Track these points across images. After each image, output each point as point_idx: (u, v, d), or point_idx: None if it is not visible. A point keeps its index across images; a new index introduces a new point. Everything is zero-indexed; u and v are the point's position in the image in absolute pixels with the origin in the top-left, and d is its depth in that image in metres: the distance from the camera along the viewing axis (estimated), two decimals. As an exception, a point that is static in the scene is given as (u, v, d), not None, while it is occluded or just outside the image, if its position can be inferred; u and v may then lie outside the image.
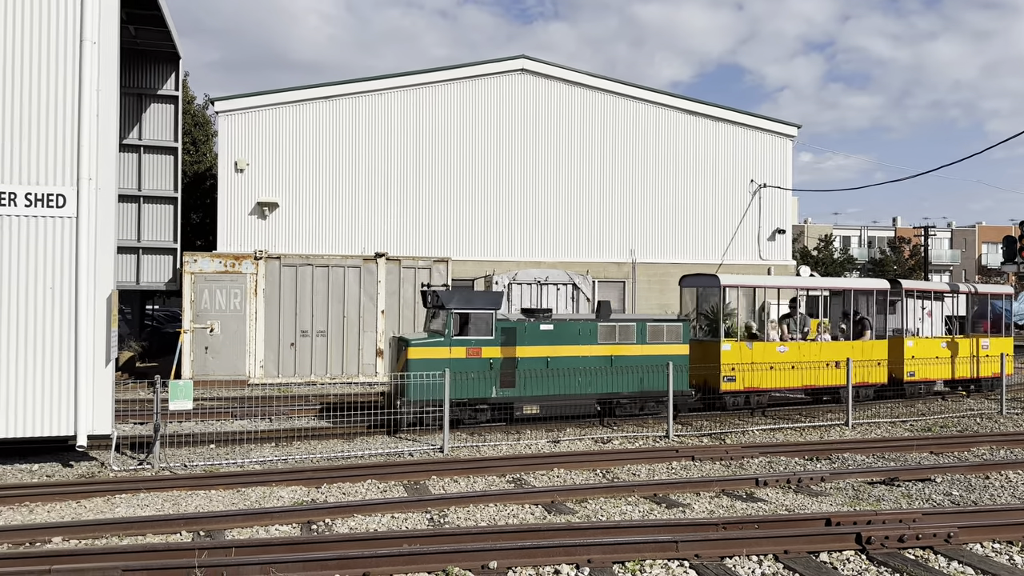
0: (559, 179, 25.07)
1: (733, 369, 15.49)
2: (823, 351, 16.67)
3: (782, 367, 16.06)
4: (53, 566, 6.14)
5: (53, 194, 10.65)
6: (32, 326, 10.54)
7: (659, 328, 15.05)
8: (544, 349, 14.20)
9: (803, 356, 16.45)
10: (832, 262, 52.71)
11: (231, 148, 22.94)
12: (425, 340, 13.63)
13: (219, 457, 11.49)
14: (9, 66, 10.56)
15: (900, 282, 18.54)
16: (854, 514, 7.99)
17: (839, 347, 16.90)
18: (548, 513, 8.54)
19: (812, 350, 16.57)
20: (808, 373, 16.34)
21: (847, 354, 16.25)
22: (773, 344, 16.23)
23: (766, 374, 15.86)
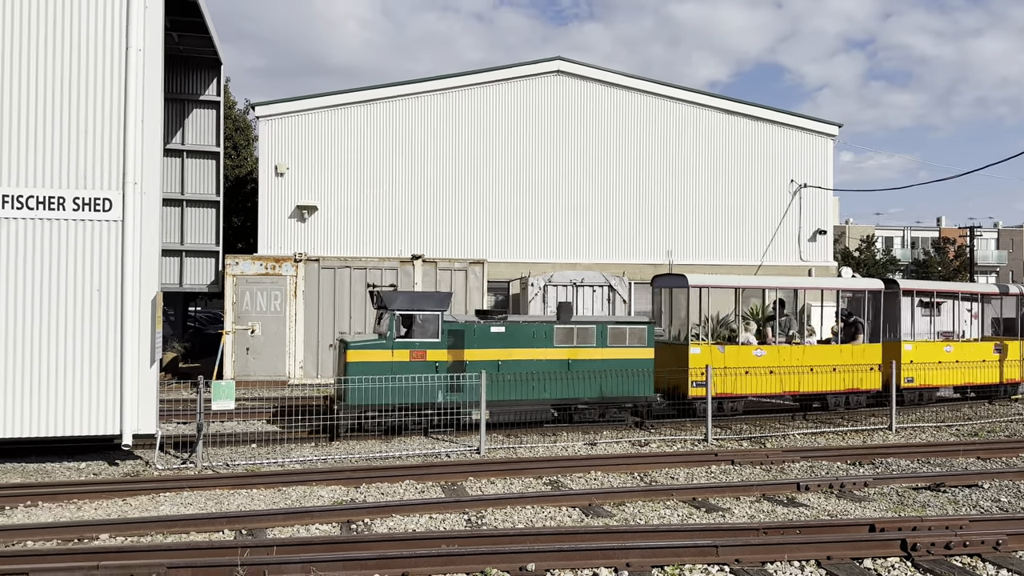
0: (595, 180, 25.00)
1: (703, 373, 14.59)
2: (806, 355, 15.80)
3: (759, 372, 15.29)
4: (101, 562, 6.28)
5: (100, 198, 10.90)
6: (79, 327, 10.80)
7: (621, 331, 14.40)
8: (495, 352, 13.66)
9: (783, 361, 15.57)
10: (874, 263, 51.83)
11: (271, 152, 23.26)
12: (365, 342, 13.20)
13: (260, 456, 11.66)
14: (58, 74, 10.83)
15: (897, 282, 17.80)
16: (899, 520, 7.83)
17: (824, 351, 16.14)
18: (586, 516, 8.51)
19: (794, 354, 15.71)
20: (789, 378, 15.52)
21: (834, 359, 15.62)
22: (749, 348, 15.51)
23: (741, 379, 15.12)
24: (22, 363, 10.62)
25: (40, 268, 10.73)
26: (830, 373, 15.88)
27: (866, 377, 16.41)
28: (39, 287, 10.72)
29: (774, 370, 15.46)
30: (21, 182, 10.71)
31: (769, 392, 15.60)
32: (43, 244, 10.74)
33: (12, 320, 10.61)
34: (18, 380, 10.61)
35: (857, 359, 16.35)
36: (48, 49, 10.81)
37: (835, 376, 16.05)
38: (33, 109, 10.76)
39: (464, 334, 13.59)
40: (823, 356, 16.01)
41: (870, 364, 16.47)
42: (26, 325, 10.64)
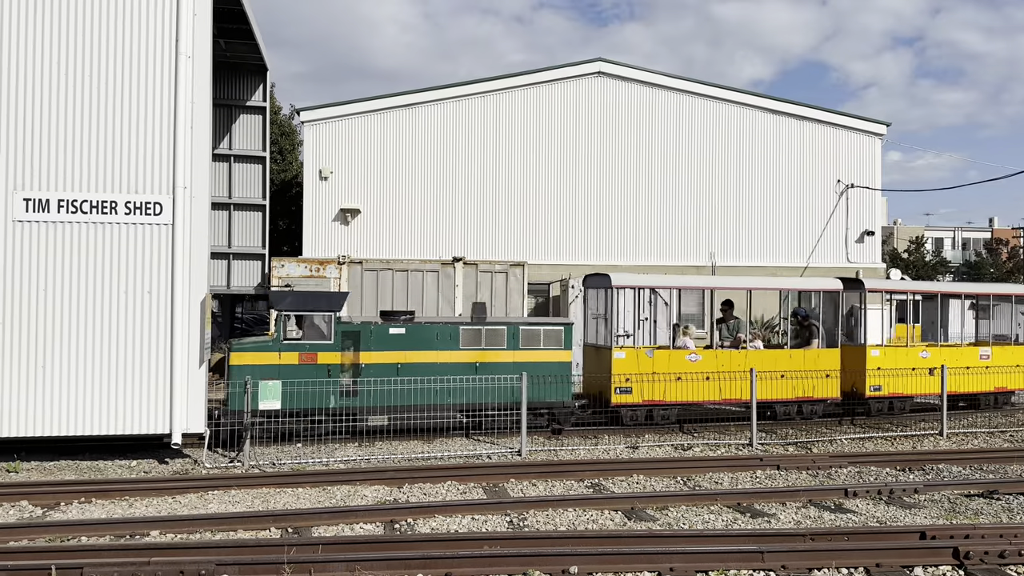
0: (637, 181, 24.85)
1: (628, 380, 13.90)
2: (749, 361, 14.57)
3: (694, 378, 14.29)
4: (152, 558, 6.43)
5: (151, 202, 11.17)
6: (131, 329, 11.07)
7: (535, 332, 13.65)
8: (394, 355, 12.98)
9: (722, 366, 14.38)
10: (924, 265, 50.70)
11: (315, 156, 23.57)
12: (250, 344, 12.73)
13: (305, 456, 11.82)
14: (110, 81, 11.13)
15: (862, 281, 16.46)
16: (951, 527, 7.65)
17: (772, 356, 15.00)
18: (628, 519, 8.47)
19: (735, 360, 14.61)
20: (730, 385, 14.33)
21: (783, 364, 14.55)
22: (682, 352, 14.57)
23: (673, 386, 14.15)
24: (76, 363, 10.93)
25: (93, 271, 11.03)
26: (778, 380, 14.64)
27: (821, 385, 15.11)
28: (92, 289, 11.02)
29: (711, 376, 14.37)
30: (75, 187, 11.02)
31: (707, 399, 14.51)
32: (96, 247, 11.05)
33: (66, 322, 10.92)
34: (73, 380, 10.92)
35: (811, 365, 15.07)
36: (100, 57, 11.12)
37: (784, 384, 14.77)
38: (87, 115, 11.07)
39: (360, 336, 12.99)
40: (770, 362, 14.79)
41: (826, 370, 15.17)
42: (79, 327, 10.95)
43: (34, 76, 10.95)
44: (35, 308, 10.86)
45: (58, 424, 10.87)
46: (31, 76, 10.94)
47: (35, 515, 8.61)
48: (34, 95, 10.94)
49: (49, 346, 10.86)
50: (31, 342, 10.82)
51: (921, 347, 16.67)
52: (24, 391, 10.79)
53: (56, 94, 10.99)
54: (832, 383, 15.31)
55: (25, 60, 10.93)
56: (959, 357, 16.64)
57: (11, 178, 10.87)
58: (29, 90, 10.92)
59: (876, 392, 15.63)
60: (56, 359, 10.87)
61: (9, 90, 10.88)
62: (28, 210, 10.89)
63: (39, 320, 10.86)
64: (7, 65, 10.89)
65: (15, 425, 10.77)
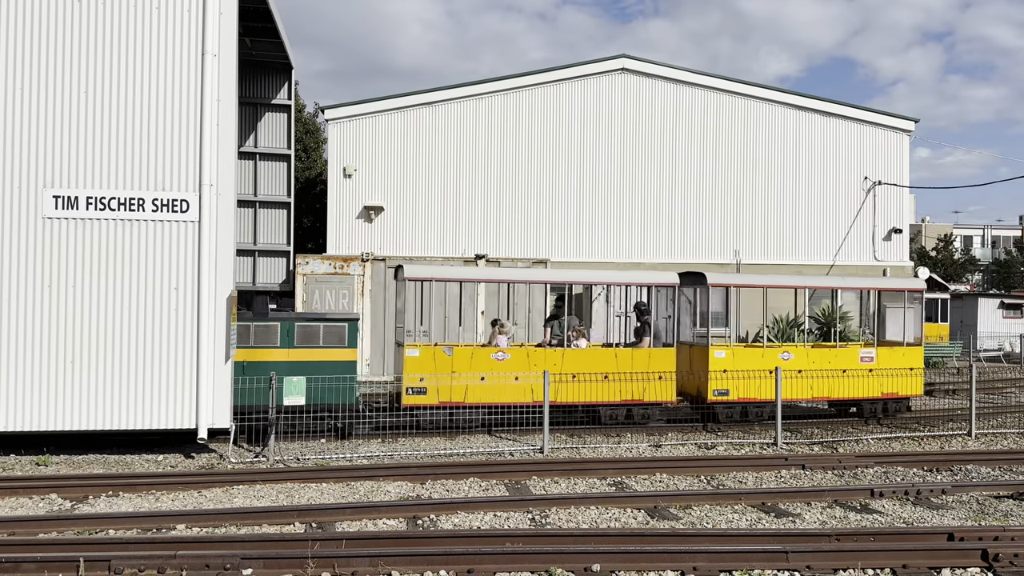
0: (660, 179, 24.73)
1: (423, 380, 13.06)
2: (567, 361, 13.57)
3: (501, 378, 13.27)
4: (178, 552, 6.50)
5: (177, 199, 11.29)
6: (158, 325, 11.20)
7: (312, 329, 12.72)
8: None
9: (534, 366, 13.26)
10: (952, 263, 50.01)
11: (339, 154, 23.71)
12: None
13: (329, 451, 11.90)
14: (137, 80, 11.26)
15: (705, 276, 15.13)
16: (979, 529, 7.55)
17: (594, 356, 13.97)
18: (651, 518, 8.43)
19: (551, 359, 13.54)
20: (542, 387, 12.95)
21: (607, 365, 13.52)
22: (487, 350, 13.59)
23: (476, 387, 13.13)
24: (104, 359, 11.08)
25: (120, 267, 11.17)
26: (600, 382, 13.61)
27: (654, 387, 13.91)
28: (120, 285, 11.16)
29: (520, 377, 13.36)
30: (103, 184, 11.17)
31: (518, 401, 13.28)
32: (124, 244, 11.18)
33: (95, 317, 11.08)
34: (101, 375, 11.07)
35: (641, 366, 13.86)
36: (128, 56, 11.25)
37: (608, 386, 13.72)
38: (115, 114, 11.21)
39: None
40: (592, 362, 13.72)
41: (660, 372, 13.96)
42: (108, 322, 11.10)
43: (62, 75, 11.11)
44: (64, 304, 11.02)
45: (86, 418, 11.03)
46: (59, 75, 11.10)
47: (64, 508, 8.74)
48: (62, 93, 11.10)
49: (78, 342, 11.01)
50: (60, 338, 10.99)
51: (781, 348, 15.20)
52: (53, 386, 10.96)
53: (84, 92, 11.14)
54: (667, 385, 14.06)
55: (53, 59, 11.08)
56: (834, 359, 14.96)
57: (41, 176, 11.04)
58: (57, 89, 11.08)
59: (722, 396, 14.22)
60: (85, 355, 11.02)
61: (38, 89, 11.04)
62: (57, 207, 11.06)
63: (68, 316, 11.02)
64: (36, 64, 11.05)
65: (44, 419, 10.94)
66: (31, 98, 11.03)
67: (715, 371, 14.20)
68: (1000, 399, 18.35)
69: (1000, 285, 55.17)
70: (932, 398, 18.44)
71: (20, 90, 11.00)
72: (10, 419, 10.89)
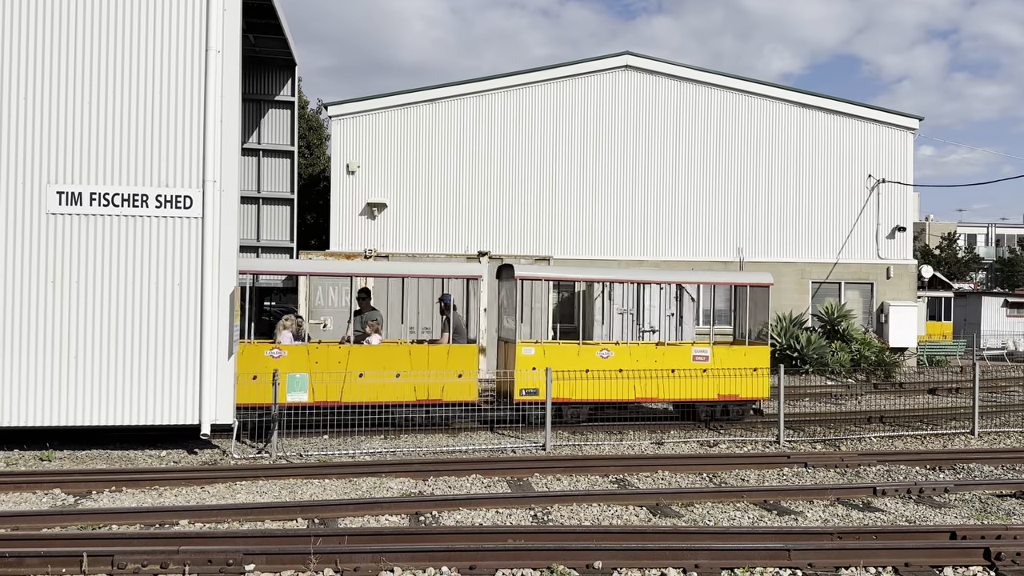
0: (663, 176, 24.71)
1: None
2: (353, 359, 12.78)
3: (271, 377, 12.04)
4: (181, 547, 6.51)
5: (181, 196, 11.29)
6: (161, 321, 11.22)
7: None
8: None
9: (315, 364, 12.64)
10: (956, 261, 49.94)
11: (343, 151, 23.72)
12: None
13: (332, 448, 11.91)
14: (140, 75, 11.26)
15: (512, 267, 14.30)
16: (982, 528, 7.54)
17: (382, 353, 13.11)
18: (653, 515, 8.44)
19: (333, 356, 12.77)
20: (325, 387, 12.59)
21: (398, 363, 12.83)
22: (263, 346, 12.89)
23: (250, 386, 12.28)
24: (108, 354, 11.10)
25: (124, 263, 11.18)
26: (392, 382, 12.85)
27: (454, 387, 13.03)
28: (123, 281, 11.17)
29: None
30: (107, 180, 11.17)
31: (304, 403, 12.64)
32: (127, 240, 11.19)
33: (98, 313, 11.10)
34: (104, 370, 11.09)
35: (438, 364, 13.07)
36: (131, 52, 11.25)
37: (402, 386, 12.94)
38: (118, 110, 11.21)
39: None
40: (381, 360, 12.95)
41: (459, 370, 13.15)
42: (111, 318, 11.12)
43: (66, 70, 11.11)
44: (67, 300, 11.04)
45: (90, 414, 11.05)
46: (63, 70, 11.10)
47: (67, 503, 8.77)
48: (66, 89, 11.10)
49: (81, 337, 11.04)
50: (63, 333, 11.01)
51: (600, 345, 14.23)
52: (56, 381, 10.99)
53: (88, 88, 11.15)
54: (467, 385, 13.22)
55: (57, 55, 11.09)
56: (661, 358, 14.07)
57: (44, 172, 11.05)
58: (61, 84, 11.09)
59: (531, 396, 13.30)
60: (88, 350, 11.04)
61: (41, 85, 11.05)
62: (61, 203, 11.07)
63: (71, 312, 11.04)
64: (39, 60, 11.06)
65: (48, 414, 10.97)
66: (34, 94, 11.03)
67: (522, 369, 13.35)
68: (1003, 398, 18.32)
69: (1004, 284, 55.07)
70: (935, 396, 18.44)
71: (23, 86, 11.01)
72: (14, 414, 10.92)
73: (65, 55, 11.12)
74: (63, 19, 11.12)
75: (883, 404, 17.08)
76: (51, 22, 11.09)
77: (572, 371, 13.48)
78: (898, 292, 25.32)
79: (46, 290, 11.02)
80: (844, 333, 23.46)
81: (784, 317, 23.67)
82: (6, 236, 10.96)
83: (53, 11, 11.09)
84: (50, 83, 11.08)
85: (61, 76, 11.10)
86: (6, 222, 10.97)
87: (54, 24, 11.10)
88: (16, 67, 11.01)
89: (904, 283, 25.49)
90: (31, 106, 11.03)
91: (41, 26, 11.07)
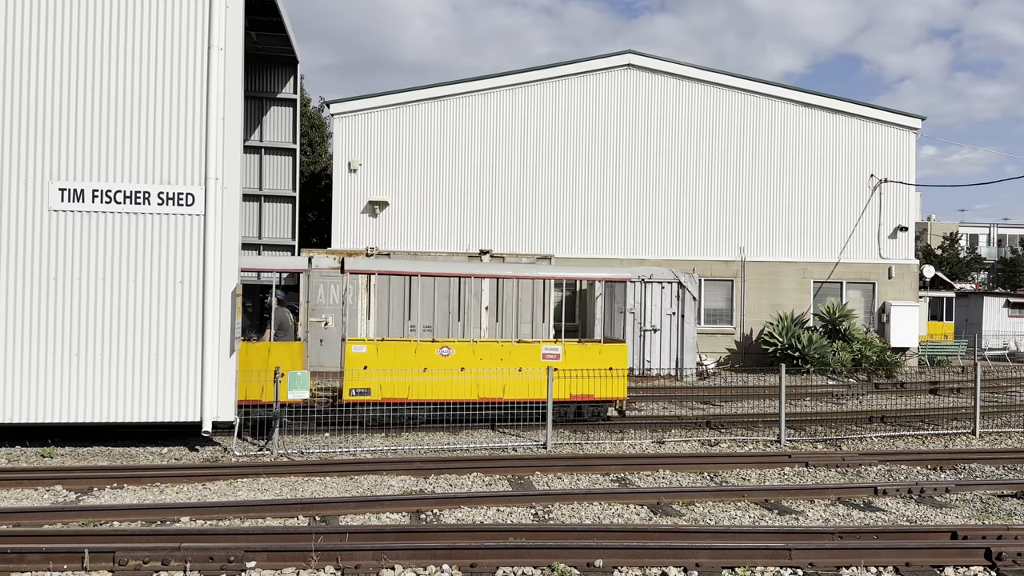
0: (665, 175, 24.70)
1: None
2: None
3: None
4: (183, 544, 6.52)
5: (183, 193, 11.30)
6: (163, 318, 11.23)
7: None
8: None
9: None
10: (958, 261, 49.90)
11: (344, 149, 23.74)
12: None
13: (333, 445, 11.92)
14: (143, 72, 11.27)
15: (344, 261, 13.80)
16: (983, 528, 7.54)
17: None
18: (654, 514, 8.44)
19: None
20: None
21: None
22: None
23: None
24: (110, 351, 11.11)
25: (126, 260, 11.19)
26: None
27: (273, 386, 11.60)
28: (125, 278, 11.18)
29: None
30: (109, 177, 11.18)
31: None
32: (129, 237, 11.20)
33: (100, 310, 11.11)
34: (106, 367, 11.10)
35: (259, 363, 12.37)
36: (134, 49, 11.26)
37: None
38: (121, 107, 11.22)
39: None
40: None
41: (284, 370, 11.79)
42: (113, 315, 11.13)
43: (68, 67, 11.12)
44: (70, 296, 11.05)
45: (91, 410, 11.06)
46: (65, 67, 11.11)
47: (69, 499, 8.78)
48: (69, 86, 11.11)
49: (83, 334, 11.05)
50: (65, 330, 11.02)
51: (439, 344, 13.56)
52: (58, 378, 11.00)
53: (90, 85, 11.15)
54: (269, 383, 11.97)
55: (59, 52, 11.10)
56: (507, 356, 13.37)
57: (47, 168, 11.06)
58: (63, 81, 11.09)
59: (363, 396, 12.81)
60: (90, 347, 11.05)
61: (44, 81, 11.05)
62: (63, 200, 11.08)
63: (73, 308, 11.05)
64: (41, 57, 11.07)
65: (49, 411, 10.98)
66: (37, 90, 11.04)
67: (352, 369, 12.81)
68: (1005, 398, 18.31)
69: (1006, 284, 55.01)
70: (937, 396, 18.42)
71: (26, 82, 11.02)
72: (15, 410, 10.93)
73: (68, 52, 11.13)
74: (66, 15, 11.12)
75: (884, 404, 17.09)
76: (55, 18, 11.09)
77: (407, 370, 12.74)
78: (900, 292, 25.31)
79: (48, 287, 11.02)
80: (845, 333, 23.44)
81: (786, 316, 23.67)
82: (8, 233, 10.97)
83: (55, 8, 11.09)
84: (52, 79, 11.08)
85: (64, 72, 11.10)
86: (8, 219, 10.98)
87: (57, 20, 11.10)
88: (18, 64, 11.02)
89: (906, 283, 25.48)
90: (33, 102, 11.03)
91: (43, 23, 11.07)
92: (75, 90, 11.12)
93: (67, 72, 11.11)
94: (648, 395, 17.53)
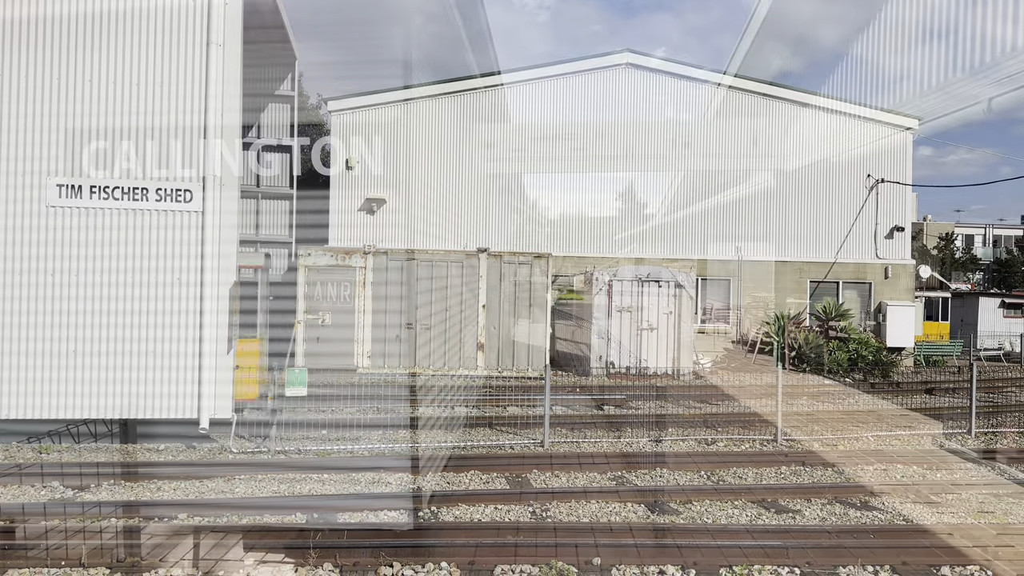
0: (663, 174, 24.71)
1: None
2: None
3: None
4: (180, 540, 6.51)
5: (181, 189, 11.27)
6: (160, 314, 11.20)
7: None
8: None
9: None
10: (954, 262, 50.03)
11: (342, 146, 23.69)
12: None
13: (330, 443, 11.91)
14: (141, 69, 11.24)
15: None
16: (979, 527, 7.56)
17: None
18: (651, 513, 8.45)
19: None
20: None
21: None
22: None
23: None
24: (107, 348, 11.08)
25: (124, 256, 11.16)
26: None
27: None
28: (122, 275, 11.15)
29: None
30: (107, 173, 11.14)
31: None
32: (127, 233, 11.17)
33: (97, 306, 11.07)
34: (103, 364, 11.07)
35: None
36: (132, 45, 11.22)
37: None
38: (118, 102, 11.18)
39: None
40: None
41: None
42: (110, 312, 11.10)
43: (67, 64, 11.08)
44: (67, 293, 11.02)
45: (88, 407, 11.03)
46: (64, 64, 11.07)
47: (66, 496, 8.76)
48: (67, 82, 11.07)
49: (80, 330, 11.02)
50: (63, 326, 10.99)
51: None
52: (56, 375, 10.96)
53: (89, 81, 11.11)
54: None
55: (57, 48, 11.06)
56: None
57: (45, 164, 11.02)
58: (62, 77, 11.05)
59: None
60: (87, 343, 11.02)
61: (42, 77, 11.02)
62: (61, 196, 11.04)
63: (71, 305, 11.02)
64: (40, 53, 11.03)
65: (47, 408, 10.95)
66: (35, 87, 11.00)
67: None
68: (1000, 398, 18.36)
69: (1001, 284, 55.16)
70: (932, 396, 18.47)
71: (24, 79, 10.98)
72: (12, 407, 10.90)
73: (66, 48, 11.09)
74: (64, 13, 11.07)
75: (880, 403, 17.12)
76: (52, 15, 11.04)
77: None
78: (896, 292, 25.36)
79: (46, 283, 10.99)
80: (842, 331, 23.48)
81: (782, 316, 23.71)
82: (6, 229, 10.93)
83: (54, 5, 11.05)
84: (51, 76, 11.04)
85: (62, 69, 11.06)
86: (6, 215, 10.94)
87: (54, 17, 11.05)
88: (15, 60, 10.98)
89: (902, 283, 25.53)
90: (31, 98, 10.99)
91: (41, 19, 11.03)
92: (74, 86, 11.08)
93: (66, 68, 11.06)
94: (645, 394, 17.55)
